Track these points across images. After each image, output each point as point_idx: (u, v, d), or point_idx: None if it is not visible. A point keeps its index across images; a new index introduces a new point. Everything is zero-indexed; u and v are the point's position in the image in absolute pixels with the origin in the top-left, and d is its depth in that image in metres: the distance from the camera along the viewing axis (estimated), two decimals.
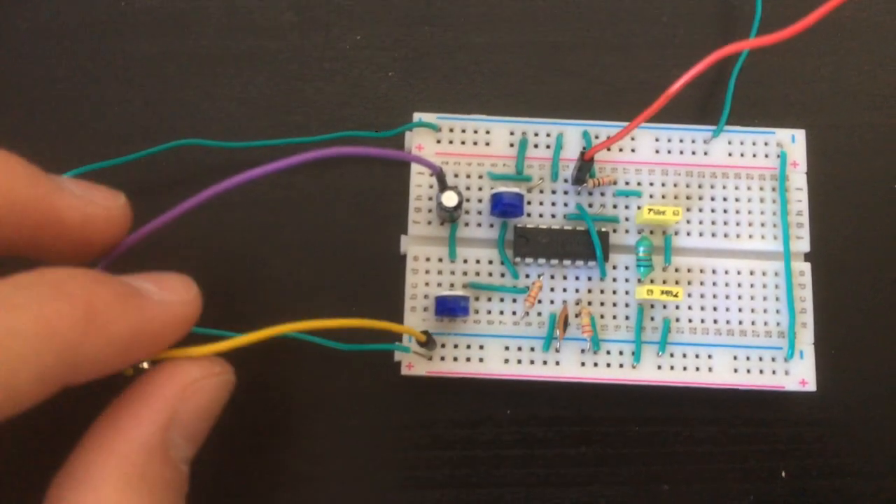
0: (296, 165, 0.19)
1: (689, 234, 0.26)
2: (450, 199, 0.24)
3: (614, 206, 0.26)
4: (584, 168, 0.25)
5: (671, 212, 0.25)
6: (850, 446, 0.25)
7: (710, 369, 0.25)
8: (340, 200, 0.27)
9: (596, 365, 0.25)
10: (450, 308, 0.24)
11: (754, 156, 0.26)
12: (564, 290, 0.25)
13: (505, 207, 0.25)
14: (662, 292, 0.24)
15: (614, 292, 0.25)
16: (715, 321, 0.25)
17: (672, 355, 0.25)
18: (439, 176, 0.23)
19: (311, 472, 0.25)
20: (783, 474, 0.25)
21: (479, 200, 0.26)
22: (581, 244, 0.25)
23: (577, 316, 0.25)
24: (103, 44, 0.28)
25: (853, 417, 0.26)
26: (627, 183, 0.26)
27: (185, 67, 0.28)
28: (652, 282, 0.25)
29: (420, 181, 0.26)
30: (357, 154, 0.20)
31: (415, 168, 0.26)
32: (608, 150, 0.26)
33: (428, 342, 0.24)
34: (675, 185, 0.26)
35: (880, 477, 0.25)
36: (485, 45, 0.28)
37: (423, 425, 0.25)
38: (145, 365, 0.22)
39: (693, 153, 0.26)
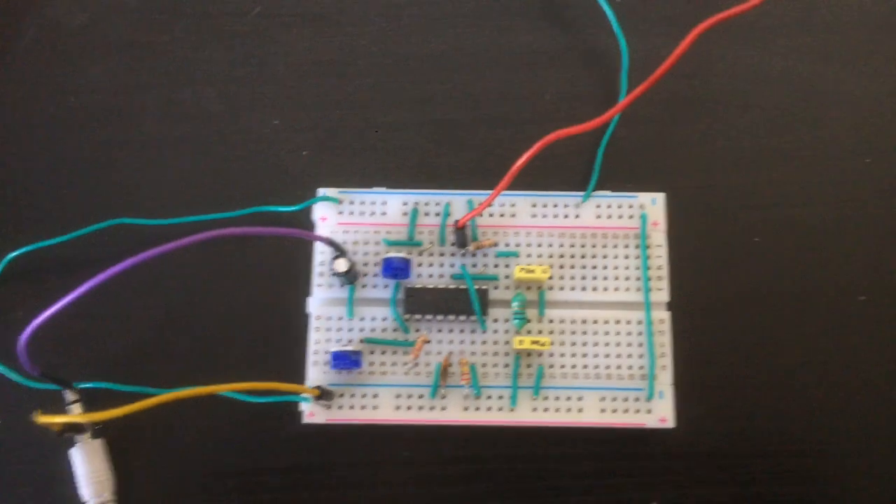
0: (190, 245, 0.22)
1: (562, 288, 0.29)
2: (340, 265, 0.27)
3: (496, 266, 0.29)
4: (460, 234, 0.28)
5: (540, 270, 0.28)
6: (711, 476, 0.28)
7: (580, 410, 0.28)
8: (256, 266, 0.30)
9: (478, 409, 0.28)
10: (343, 362, 0.27)
11: (620, 217, 0.29)
12: (451, 342, 0.28)
13: (394, 270, 0.28)
14: (532, 342, 0.27)
15: (495, 343, 0.28)
16: (585, 366, 0.28)
17: (546, 398, 0.28)
18: (331, 245, 0.27)
19: None
20: None
21: (376, 264, 0.29)
22: (463, 301, 0.28)
23: (460, 364, 0.28)
24: (54, 134, 0.32)
25: (711, 451, 0.28)
26: (507, 245, 0.29)
27: (125, 153, 0.32)
28: (529, 332, 0.28)
29: (323, 248, 0.29)
30: (247, 233, 0.24)
31: (317, 234, 0.29)
32: (490, 215, 0.29)
33: (323, 395, 0.27)
34: (550, 246, 0.29)
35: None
36: (389, 124, 0.32)
37: (327, 468, 0.28)
38: (88, 437, 0.26)
39: (566, 216, 0.30)
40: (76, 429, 0.27)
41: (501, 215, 0.30)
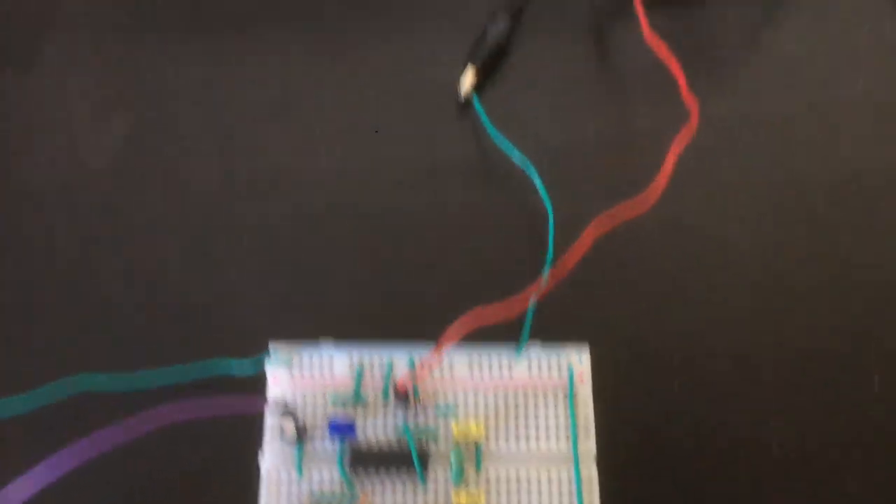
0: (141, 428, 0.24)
1: (497, 442, 0.31)
2: (286, 430, 0.29)
3: (436, 420, 0.31)
4: (401, 397, 0.30)
5: (474, 427, 0.30)
6: None
7: None
8: (212, 422, 0.32)
9: None
10: None
11: (550, 371, 0.32)
12: (395, 493, 0.30)
13: (337, 430, 0.30)
14: (466, 499, 0.29)
15: (436, 496, 0.30)
16: None
17: None
18: (278, 410, 0.29)
19: None
20: None
21: (324, 419, 0.31)
22: (405, 457, 0.30)
23: None
24: (14, 292, 0.34)
25: None
26: (447, 400, 0.31)
27: (85, 310, 0.34)
28: (467, 486, 0.30)
29: (272, 407, 0.31)
30: (194, 417, 0.26)
31: (269, 395, 0.31)
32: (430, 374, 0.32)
33: None
34: (486, 401, 0.31)
35: None
36: (337, 280, 0.34)
37: None
38: None
39: (500, 372, 0.32)
40: None
41: (441, 372, 0.32)
